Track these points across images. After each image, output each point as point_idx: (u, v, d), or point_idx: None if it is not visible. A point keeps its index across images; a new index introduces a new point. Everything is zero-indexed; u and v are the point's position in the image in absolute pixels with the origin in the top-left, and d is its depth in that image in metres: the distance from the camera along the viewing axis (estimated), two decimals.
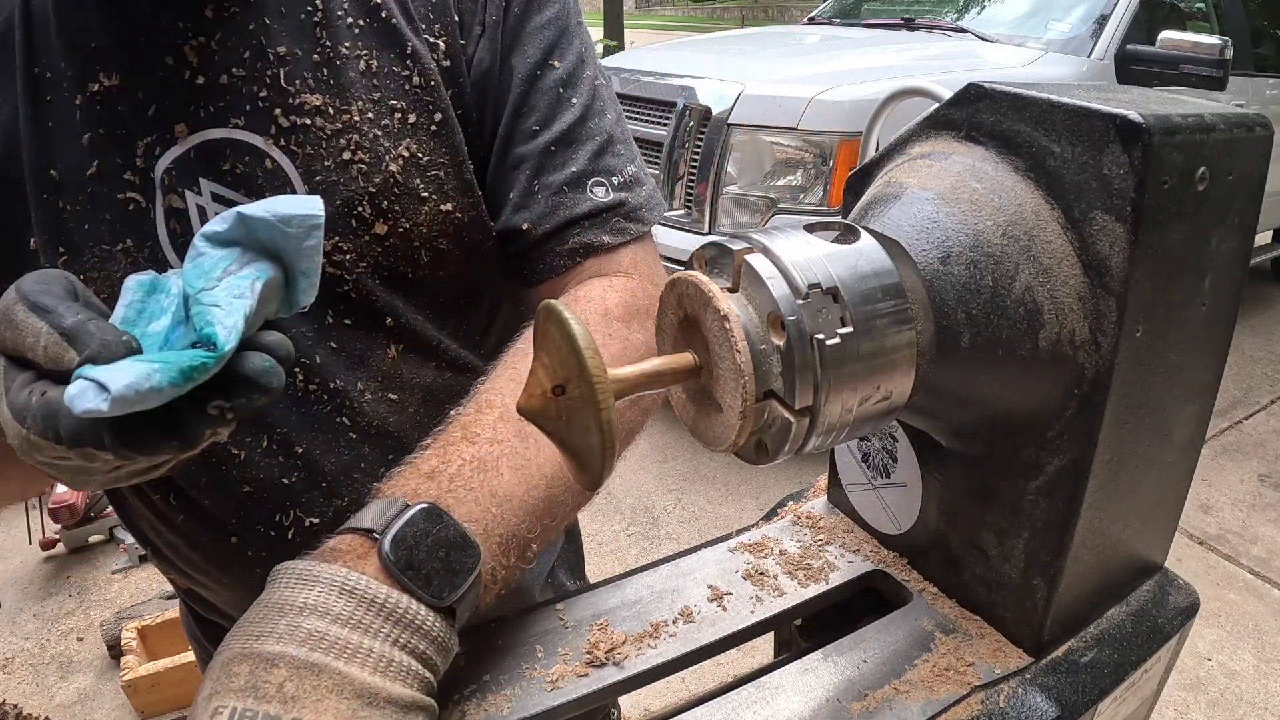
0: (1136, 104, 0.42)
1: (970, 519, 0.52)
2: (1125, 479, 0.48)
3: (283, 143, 0.59)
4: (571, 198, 0.64)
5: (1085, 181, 0.42)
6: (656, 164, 2.77)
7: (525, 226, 0.64)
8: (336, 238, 0.60)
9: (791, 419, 0.36)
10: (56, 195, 0.58)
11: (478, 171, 0.65)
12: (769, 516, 0.66)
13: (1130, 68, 3.11)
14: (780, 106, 2.61)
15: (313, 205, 0.42)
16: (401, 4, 0.62)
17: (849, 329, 0.37)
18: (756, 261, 0.36)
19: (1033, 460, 0.47)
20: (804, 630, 0.64)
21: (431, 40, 0.62)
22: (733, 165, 2.67)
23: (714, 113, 2.68)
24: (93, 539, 2.63)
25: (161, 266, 0.59)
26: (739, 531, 0.63)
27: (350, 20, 0.60)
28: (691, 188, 2.75)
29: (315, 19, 0.60)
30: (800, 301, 0.36)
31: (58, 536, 2.59)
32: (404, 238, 0.62)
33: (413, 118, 0.61)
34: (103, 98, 0.57)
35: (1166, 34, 3.04)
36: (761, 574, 0.57)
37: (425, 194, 0.62)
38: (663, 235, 2.67)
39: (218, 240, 0.41)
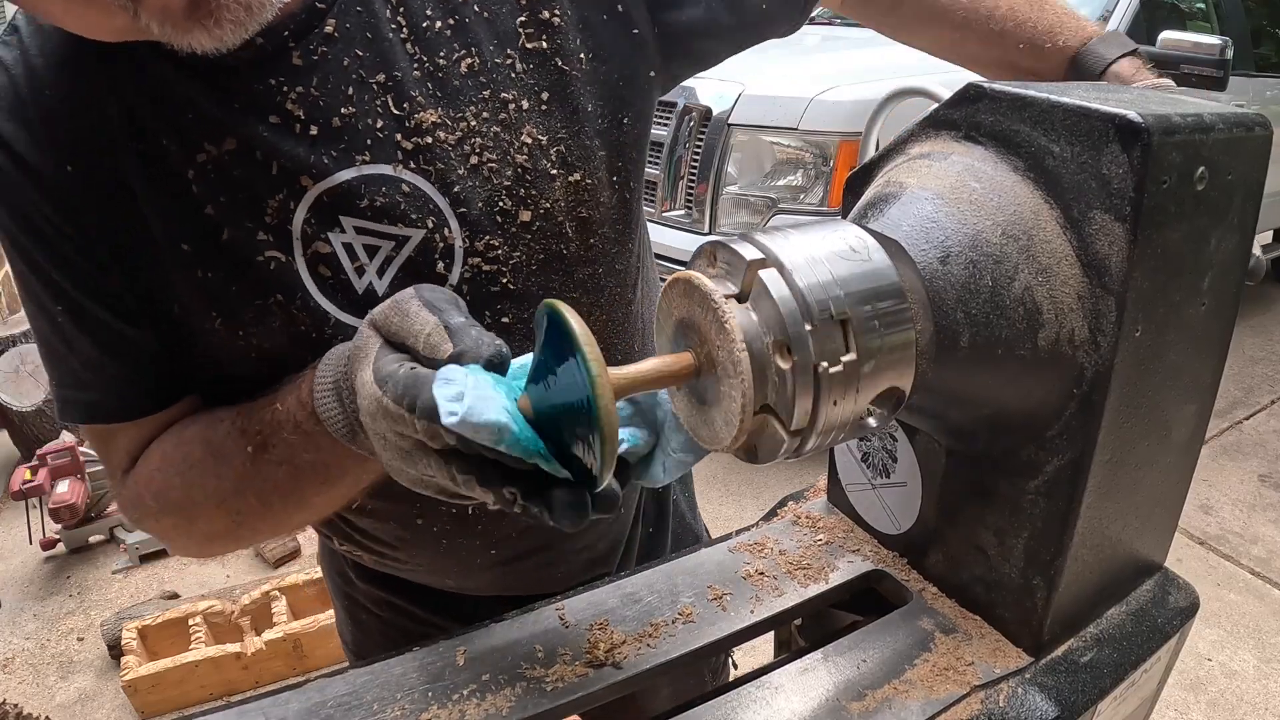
0: (1136, 104, 0.42)
1: (970, 519, 0.52)
2: (1125, 479, 0.48)
3: (412, 165, 0.59)
4: None
5: (1084, 181, 0.42)
6: (657, 164, 2.77)
7: None
8: (487, 236, 0.61)
9: (785, 437, 0.38)
10: (195, 266, 0.58)
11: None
12: (769, 516, 0.66)
13: None
14: (780, 106, 2.61)
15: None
16: None
17: (852, 355, 0.37)
18: (770, 279, 0.36)
19: (1032, 460, 0.47)
20: (804, 630, 0.64)
21: (523, 19, 0.62)
22: (733, 165, 2.67)
23: (714, 112, 2.68)
24: (93, 539, 2.63)
25: (315, 314, 0.59)
26: (739, 531, 0.63)
27: (439, 25, 0.59)
28: (692, 188, 2.74)
29: (402, 35, 0.59)
30: (809, 327, 0.36)
31: (58, 536, 2.59)
32: (547, 217, 0.63)
33: (525, 104, 0.61)
34: (215, 166, 0.56)
35: (1166, 34, 3.03)
36: (761, 574, 0.57)
37: (554, 171, 0.63)
38: (663, 235, 2.67)
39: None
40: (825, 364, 0.36)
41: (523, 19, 0.61)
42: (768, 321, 0.36)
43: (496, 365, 0.42)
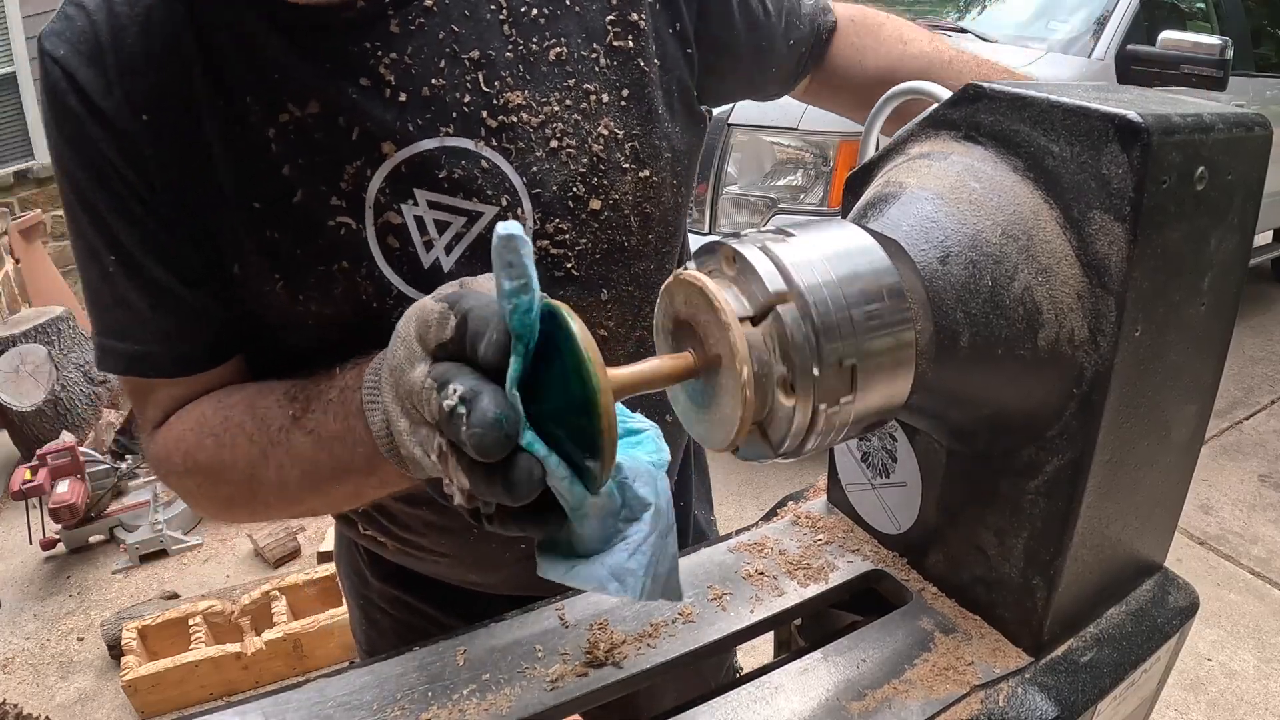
0: (1136, 104, 0.42)
1: (970, 519, 0.52)
2: (1125, 479, 0.48)
3: (494, 142, 0.60)
4: None
5: (1084, 181, 0.42)
6: None
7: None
8: (557, 220, 0.63)
9: (771, 452, 0.39)
10: (263, 226, 0.58)
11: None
12: (769, 516, 0.66)
13: (1130, 68, 3.10)
14: (780, 106, 2.59)
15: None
16: None
17: (851, 398, 0.38)
18: (789, 318, 0.36)
19: (1032, 460, 0.47)
20: (804, 630, 0.64)
21: (612, 17, 0.65)
22: (733, 165, 2.67)
23: (714, 112, 2.68)
24: (93, 539, 2.63)
25: (380, 284, 0.59)
26: (739, 531, 0.63)
27: (535, 13, 0.62)
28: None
29: (501, 17, 0.61)
30: (817, 373, 0.36)
31: (58, 536, 2.59)
32: (615, 208, 0.65)
33: (605, 97, 0.64)
34: (296, 127, 0.57)
35: (1166, 34, 3.03)
36: (761, 574, 0.57)
37: (626, 165, 0.65)
38: None
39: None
40: (825, 405, 0.37)
41: (612, 18, 0.64)
42: (780, 355, 0.37)
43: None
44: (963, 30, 3.50)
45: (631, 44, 0.65)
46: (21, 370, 2.94)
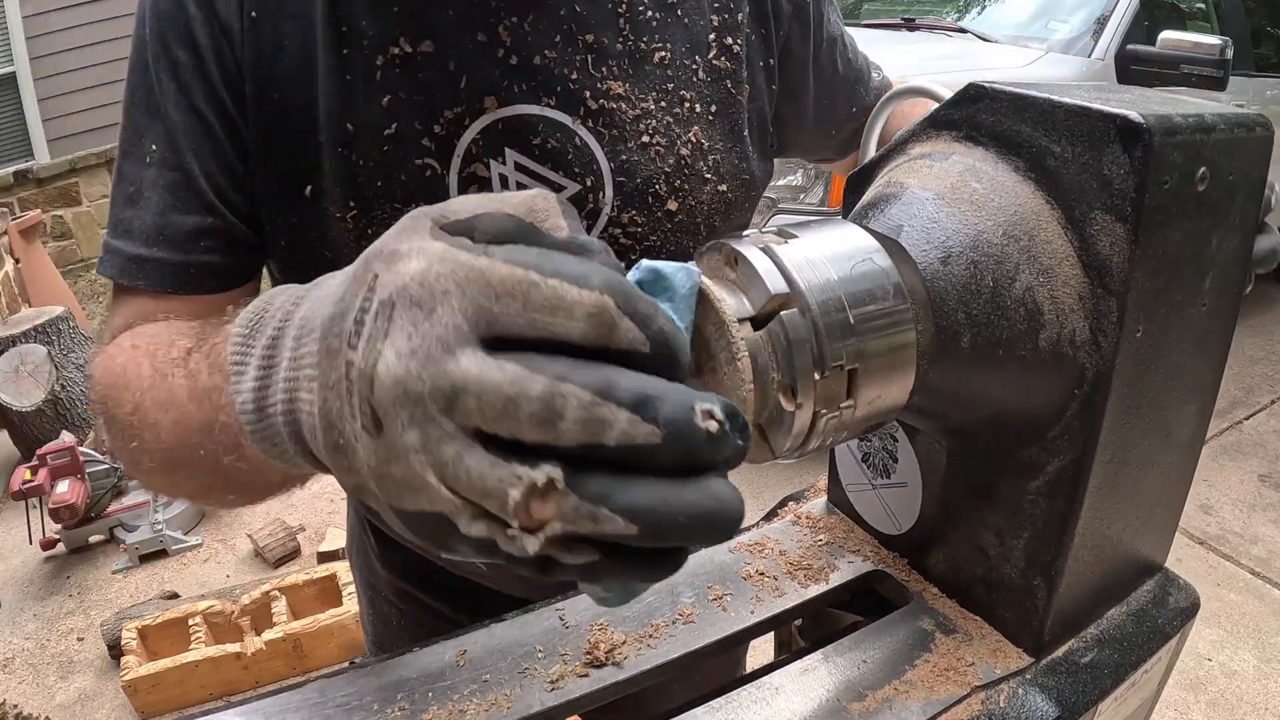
0: (1137, 104, 0.42)
1: (970, 519, 0.52)
2: (1126, 479, 0.48)
3: (590, 124, 0.62)
4: None
5: (1085, 182, 0.42)
6: None
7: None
8: (634, 211, 0.65)
9: (770, 455, 0.39)
10: (350, 149, 0.58)
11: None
12: (769, 516, 0.66)
13: (1130, 68, 3.11)
14: None
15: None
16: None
17: (851, 403, 0.38)
18: (792, 324, 0.36)
19: (1033, 460, 0.47)
20: (804, 630, 0.64)
21: (714, 38, 0.67)
22: None
23: None
24: (93, 539, 2.63)
25: None
26: (739, 531, 0.63)
27: (650, 14, 0.64)
28: None
29: (619, 10, 0.63)
30: (818, 378, 0.36)
31: (58, 536, 2.59)
32: (690, 214, 0.66)
33: (698, 107, 0.66)
34: (404, 62, 0.58)
35: (1166, 34, 3.03)
36: (761, 574, 0.57)
37: (707, 175, 0.67)
38: None
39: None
40: (825, 406, 0.37)
41: (713, 38, 0.67)
42: (780, 356, 0.37)
43: None
44: (962, 30, 3.50)
45: (728, 65, 0.68)
46: (21, 370, 2.94)
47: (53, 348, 3.01)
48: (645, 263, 0.33)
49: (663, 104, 0.65)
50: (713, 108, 0.67)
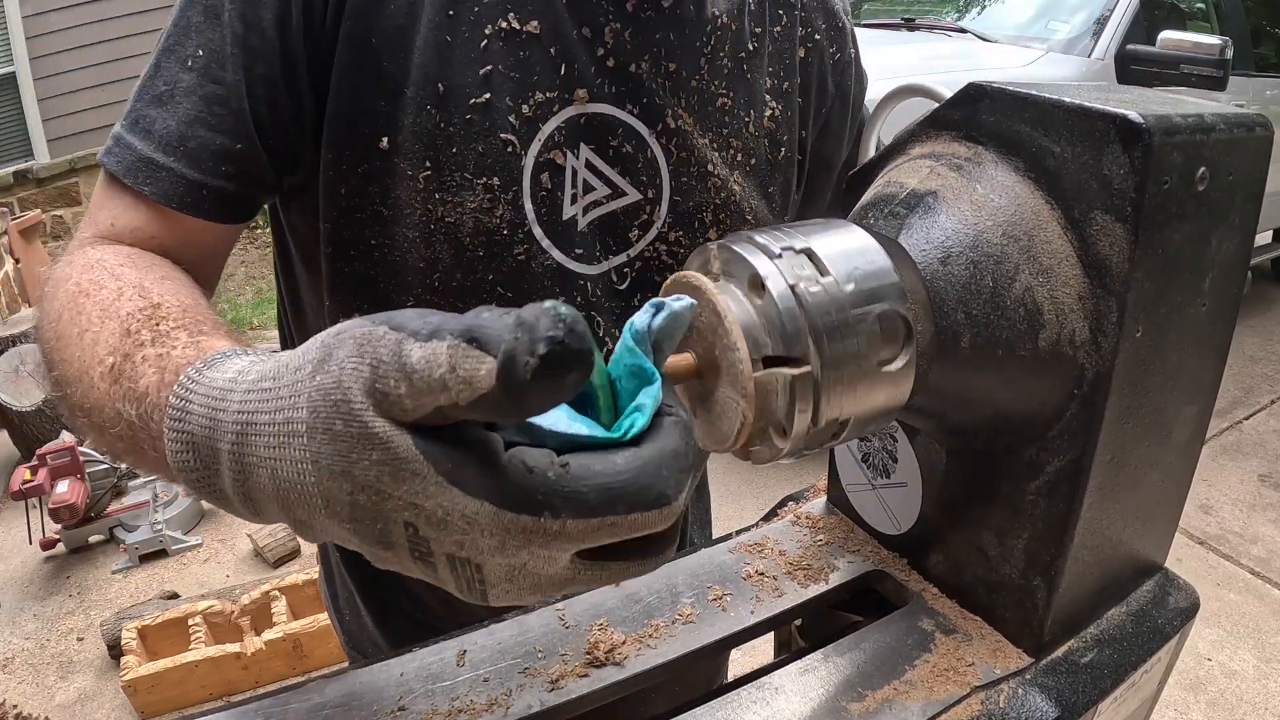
0: (1137, 104, 0.42)
1: (970, 519, 0.52)
2: (1126, 479, 0.48)
3: (663, 141, 0.66)
4: None
5: (1085, 182, 0.42)
6: None
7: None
8: (681, 232, 0.68)
9: (781, 446, 0.38)
10: (438, 109, 0.59)
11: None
12: (769, 516, 0.66)
13: (1130, 68, 3.11)
14: None
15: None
16: (760, 55, 0.70)
17: (852, 400, 0.38)
18: (790, 317, 0.36)
19: (1033, 460, 0.47)
20: (804, 630, 0.64)
21: (769, 98, 0.71)
22: None
23: None
24: (93, 539, 2.63)
25: (519, 214, 0.62)
26: (739, 531, 0.63)
27: (726, 65, 0.68)
28: None
29: (705, 51, 0.66)
30: (818, 374, 0.36)
31: (58, 536, 2.59)
32: None
33: (740, 156, 0.71)
34: (509, 37, 0.59)
35: (1166, 34, 3.04)
36: (761, 574, 0.57)
37: (748, 217, 0.71)
38: None
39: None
40: (826, 407, 0.37)
41: (768, 97, 0.71)
42: (772, 333, 0.36)
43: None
44: (962, 30, 3.50)
45: (777, 128, 0.72)
46: (21, 370, 2.94)
47: None
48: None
49: (715, 145, 0.68)
50: (752, 160, 0.71)
